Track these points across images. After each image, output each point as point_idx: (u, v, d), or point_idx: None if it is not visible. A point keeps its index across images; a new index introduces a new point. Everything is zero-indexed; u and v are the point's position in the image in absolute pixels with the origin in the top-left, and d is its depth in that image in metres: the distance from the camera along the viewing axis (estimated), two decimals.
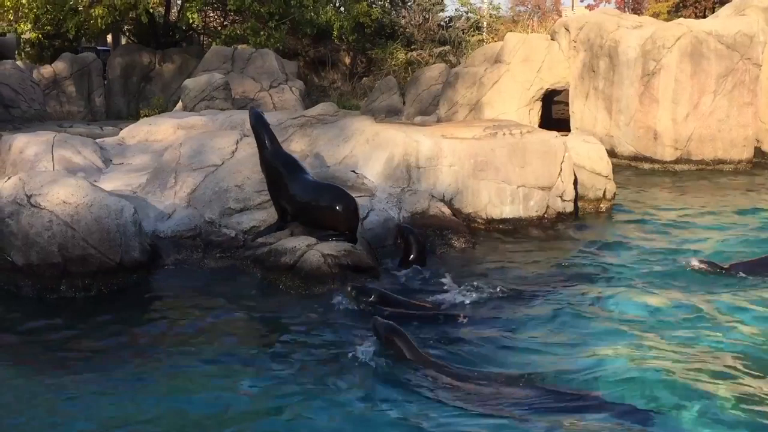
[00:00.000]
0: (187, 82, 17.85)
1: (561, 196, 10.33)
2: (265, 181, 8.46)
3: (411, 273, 8.16)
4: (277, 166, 8.30)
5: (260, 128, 8.46)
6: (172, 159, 9.40)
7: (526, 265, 8.74)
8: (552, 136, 10.75)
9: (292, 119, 10.91)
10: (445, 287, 7.59)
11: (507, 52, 18.05)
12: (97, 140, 11.39)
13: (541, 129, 11.90)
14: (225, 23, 25.28)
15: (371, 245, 8.59)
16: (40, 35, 23.74)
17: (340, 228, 8.11)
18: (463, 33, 27.81)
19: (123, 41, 27.63)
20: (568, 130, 16.66)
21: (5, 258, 7.39)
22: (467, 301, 7.25)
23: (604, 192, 11.37)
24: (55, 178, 7.76)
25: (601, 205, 11.34)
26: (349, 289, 7.11)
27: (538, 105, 18.11)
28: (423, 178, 9.98)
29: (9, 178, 7.97)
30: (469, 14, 29.36)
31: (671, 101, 15.85)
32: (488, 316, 6.92)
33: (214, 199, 8.70)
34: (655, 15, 25.86)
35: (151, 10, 22.03)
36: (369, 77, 26.45)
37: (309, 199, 8.19)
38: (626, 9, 32.16)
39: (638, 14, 24.82)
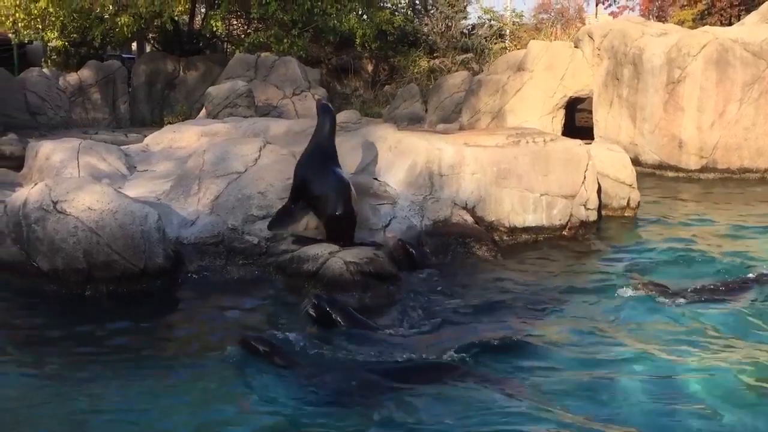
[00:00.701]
0: (211, 89, 18.00)
1: (584, 205, 10.27)
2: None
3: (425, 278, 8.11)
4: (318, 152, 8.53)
5: (326, 115, 8.75)
6: (196, 166, 9.45)
7: (548, 273, 8.68)
8: (575, 144, 10.69)
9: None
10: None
11: (530, 59, 18.01)
12: (122, 147, 11.49)
13: (564, 137, 11.85)
14: (248, 31, 25.42)
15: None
16: (66, 43, 24.01)
17: (328, 231, 8.28)
18: (485, 40, 27.78)
19: (147, 49, 27.88)
20: (592, 138, 16.54)
21: (31, 263, 7.46)
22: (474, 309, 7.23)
23: (628, 201, 11.29)
24: (80, 185, 7.83)
25: (625, 214, 11.26)
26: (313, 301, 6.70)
27: (562, 113, 18.04)
28: (445, 185, 9.96)
29: (35, 184, 8.04)
30: (492, 22, 29.33)
31: (696, 109, 15.71)
32: (502, 324, 6.86)
33: (237, 206, 8.72)
34: (680, 22, 25.63)
35: (176, 18, 22.22)
36: (391, 85, 26.50)
37: (320, 194, 8.36)
38: (651, 16, 31.92)
39: (663, 22, 24.62)
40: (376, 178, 9.85)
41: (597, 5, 35.41)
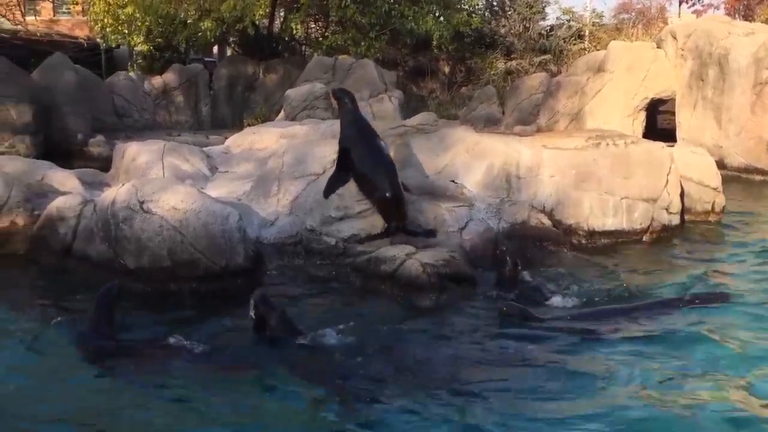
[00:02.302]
0: (290, 91, 18.27)
1: (667, 209, 10.03)
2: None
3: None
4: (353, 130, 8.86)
5: (343, 95, 9.17)
6: (275, 167, 9.62)
7: (627, 279, 8.46)
8: (658, 146, 10.46)
9: (391, 129, 10.98)
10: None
11: (610, 60, 17.69)
12: (204, 149, 11.75)
13: (646, 139, 11.60)
14: (326, 34, 25.70)
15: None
16: (151, 47, 24.73)
17: (380, 212, 8.51)
18: (564, 41, 27.42)
19: (228, 52, 28.46)
20: (674, 140, 16.15)
21: (119, 261, 7.72)
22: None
23: (713, 205, 10.97)
24: (165, 185, 8.07)
25: (710, 219, 10.95)
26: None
27: (643, 115, 17.66)
28: (523, 188, 9.88)
29: (123, 184, 8.31)
30: (571, 22, 28.93)
31: None
32: (580, 330, 6.75)
33: (316, 207, 8.84)
34: None
35: (256, 22, 22.62)
36: (468, 86, 26.40)
37: (364, 171, 8.66)
38: (737, 15, 30.96)
39: (749, 20, 23.86)
40: (453, 180, 9.84)
41: (680, 4, 34.60)
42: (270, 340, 6.31)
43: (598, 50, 21.82)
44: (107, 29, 22.35)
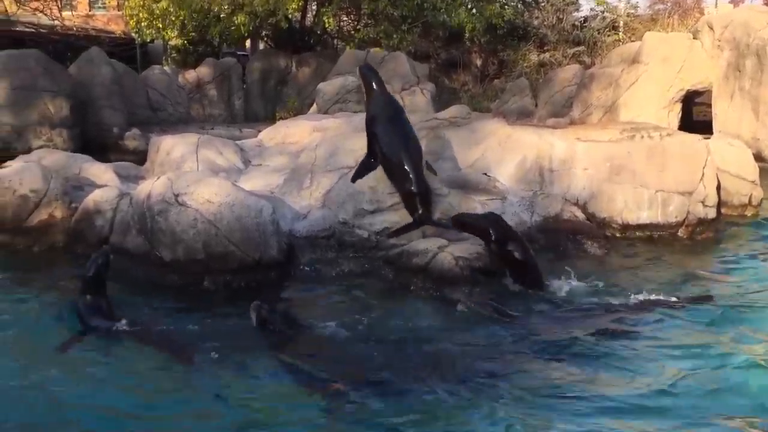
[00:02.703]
0: (322, 85, 18.32)
1: (703, 202, 9.90)
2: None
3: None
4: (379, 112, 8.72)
5: (368, 72, 9.11)
6: (308, 160, 9.66)
7: (661, 273, 8.40)
8: (694, 138, 10.33)
9: (424, 122, 10.97)
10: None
11: (646, 52, 17.46)
12: (238, 142, 11.85)
13: (681, 131, 11.46)
14: (358, 27, 25.69)
15: None
16: (185, 41, 24.92)
17: (404, 204, 8.37)
18: (598, 33, 27.13)
19: (261, 46, 28.59)
20: (710, 132, 15.91)
21: (154, 253, 7.82)
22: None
23: (750, 198, 10.82)
24: (199, 178, 8.15)
25: (747, 212, 10.79)
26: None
27: (678, 107, 17.41)
28: (556, 181, 9.82)
29: (158, 177, 8.41)
30: (605, 13, 28.59)
31: None
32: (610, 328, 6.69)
33: (348, 200, 8.86)
34: None
35: (289, 16, 22.69)
36: (500, 79, 26.25)
37: (390, 157, 8.48)
38: None
39: None
40: (485, 173, 9.81)
41: None
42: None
43: (632, 41, 21.56)
44: (142, 24, 22.56)
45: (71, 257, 8.59)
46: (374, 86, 8.95)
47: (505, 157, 9.93)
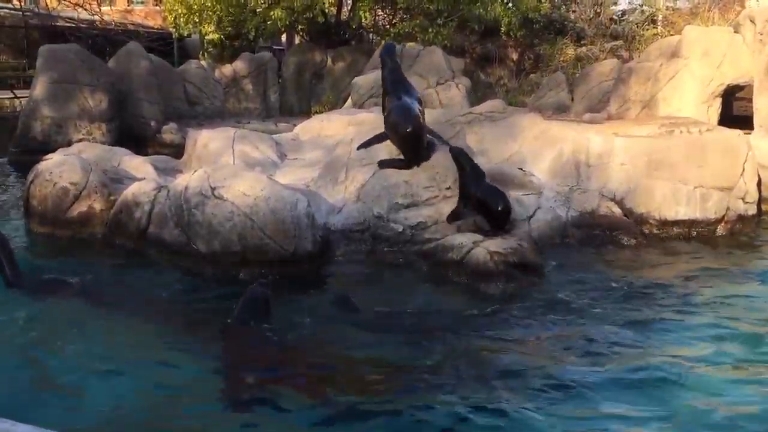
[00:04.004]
0: (357, 79, 18.35)
1: (743, 198, 9.76)
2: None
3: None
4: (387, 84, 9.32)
5: (384, 54, 9.72)
6: (343, 154, 9.68)
7: (699, 270, 8.27)
8: (734, 134, 10.18)
9: (460, 116, 10.94)
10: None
11: (685, 46, 17.17)
12: (273, 136, 11.91)
13: (721, 127, 11.28)
14: (394, 21, 25.67)
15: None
16: (221, 36, 25.10)
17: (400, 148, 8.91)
18: (636, 26, 26.80)
19: (296, 40, 28.71)
20: (751, 128, 15.63)
21: (191, 246, 7.90)
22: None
23: None
24: (236, 172, 8.21)
25: None
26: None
27: (718, 101, 17.10)
28: (593, 176, 9.74)
29: (195, 171, 8.49)
30: (644, 7, 28.25)
31: None
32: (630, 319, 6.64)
33: (383, 194, 8.87)
34: None
35: (325, 11, 22.75)
36: (536, 73, 26.05)
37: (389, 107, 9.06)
38: None
39: None
40: (521, 168, 9.76)
41: None
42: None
43: (672, 35, 21.26)
44: (180, 18, 22.78)
45: (110, 249, 8.72)
46: (387, 66, 9.51)
47: (541, 151, 9.87)
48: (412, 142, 8.77)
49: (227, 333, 6.30)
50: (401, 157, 8.97)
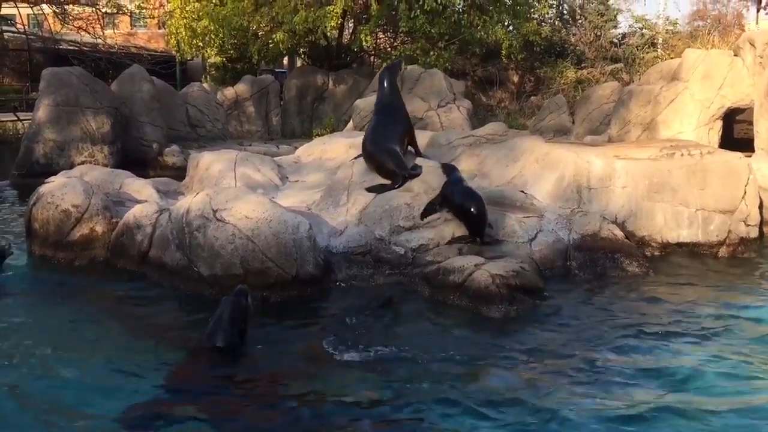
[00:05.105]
0: (358, 102, 18.43)
1: (744, 221, 9.76)
2: None
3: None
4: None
5: (381, 76, 10.00)
6: (345, 177, 9.69)
7: (702, 294, 8.22)
8: (735, 156, 10.19)
9: (460, 139, 10.99)
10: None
11: (685, 69, 17.26)
12: (275, 158, 11.94)
13: (722, 149, 11.30)
14: (395, 44, 25.84)
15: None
16: (224, 59, 25.27)
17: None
18: (637, 50, 26.95)
19: (298, 63, 28.88)
20: (752, 150, 15.66)
21: (193, 268, 7.89)
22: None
23: None
24: (238, 195, 8.22)
25: None
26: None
27: (719, 124, 17.15)
28: (594, 199, 9.74)
29: (197, 193, 8.50)
30: (644, 30, 28.43)
31: None
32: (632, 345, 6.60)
33: (385, 216, 8.87)
34: None
35: (327, 34, 22.91)
36: (537, 96, 26.20)
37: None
38: None
39: None
40: (522, 191, 9.77)
41: (758, 11, 33.54)
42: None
43: (672, 58, 21.37)
44: (183, 42, 22.94)
45: (111, 271, 8.71)
46: (382, 89, 9.90)
47: (542, 174, 9.88)
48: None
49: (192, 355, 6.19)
50: (388, 182, 9.21)
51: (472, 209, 8.51)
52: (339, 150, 11.64)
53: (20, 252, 9.22)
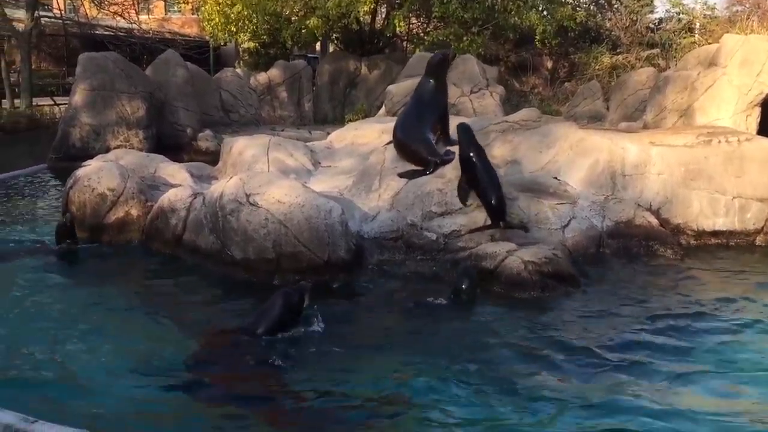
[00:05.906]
0: (391, 87, 18.38)
1: None
2: None
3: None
4: None
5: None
6: (377, 162, 9.69)
7: (738, 283, 8.09)
8: None
9: (494, 125, 10.91)
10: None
11: (723, 54, 16.96)
12: (307, 144, 11.97)
13: (760, 136, 11.11)
14: (428, 29, 25.72)
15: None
16: (257, 44, 25.35)
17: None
18: (674, 35, 26.55)
19: (330, 48, 28.88)
20: None
21: (226, 252, 7.96)
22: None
23: None
24: (271, 179, 8.27)
25: None
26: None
27: (757, 111, 16.86)
28: (629, 185, 9.65)
29: (230, 178, 8.56)
30: (681, 15, 27.99)
31: None
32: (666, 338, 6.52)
33: (417, 202, 8.87)
34: None
35: (360, 19, 22.88)
36: (571, 82, 25.95)
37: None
38: None
39: None
40: (555, 177, 9.70)
41: None
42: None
43: (709, 44, 21.02)
44: (217, 27, 23.05)
45: (146, 254, 8.83)
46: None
47: (576, 160, 9.80)
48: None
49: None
50: (419, 168, 9.18)
51: (492, 201, 8.42)
52: (371, 135, 11.62)
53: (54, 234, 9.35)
